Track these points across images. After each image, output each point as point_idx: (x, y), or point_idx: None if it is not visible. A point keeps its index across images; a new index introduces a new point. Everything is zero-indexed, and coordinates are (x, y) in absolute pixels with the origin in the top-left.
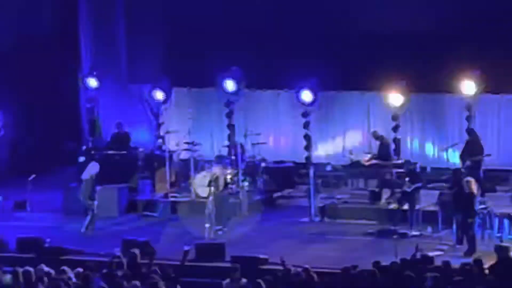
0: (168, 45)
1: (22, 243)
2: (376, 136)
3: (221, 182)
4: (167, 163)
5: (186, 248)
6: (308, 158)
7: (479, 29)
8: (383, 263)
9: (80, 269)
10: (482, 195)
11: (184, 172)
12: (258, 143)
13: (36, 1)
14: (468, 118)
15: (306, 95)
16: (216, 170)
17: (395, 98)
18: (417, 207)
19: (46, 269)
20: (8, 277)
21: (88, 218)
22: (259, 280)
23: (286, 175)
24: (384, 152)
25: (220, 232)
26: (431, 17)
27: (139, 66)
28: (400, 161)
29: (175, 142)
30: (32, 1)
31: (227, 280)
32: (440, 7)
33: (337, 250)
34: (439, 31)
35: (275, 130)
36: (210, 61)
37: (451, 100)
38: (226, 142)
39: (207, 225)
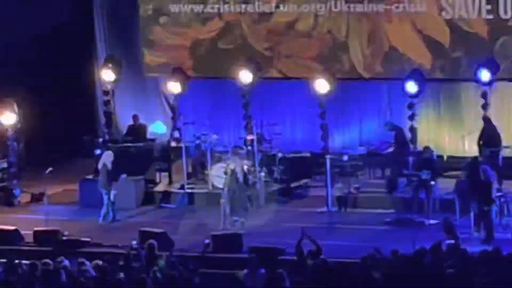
0: None
1: (39, 236)
2: (391, 127)
3: (237, 173)
4: (184, 155)
5: (206, 241)
6: (324, 148)
7: None
8: (401, 252)
9: (99, 262)
10: (500, 183)
11: (200, 164)
12: (274, 134)
13: None
14: (484, 106)
15: (322, 85)
16: (232, 161)
17: (410, 86)
18: (433, 195)
19: (65, 261)
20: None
21: (104, 208)
22: (280, 270)
23: (302, 165)
24: (401, 141)
25: (236, 223)
26: None
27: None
28: (417, 149)
29: (191, 134)
30: None
31: (245, 271)
32: None
33: (355, 239)
34: None
35: (291, 120)
36: (226, 53)
37: (467, 88)
38: (243, 133)
39: (222, 216)
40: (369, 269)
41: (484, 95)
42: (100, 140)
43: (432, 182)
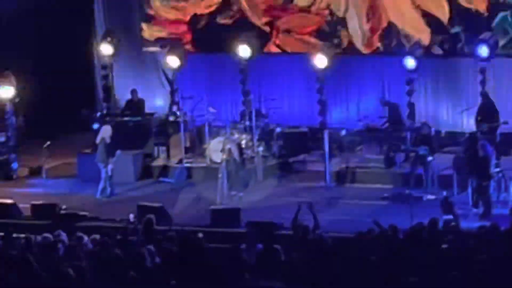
0: None
1: (37, 209)
2: (384, 103)
3: (234, 148)
4: (182, 129)
5: (200, 235)
6: (322, 123)
7: None
8: (399, 227)
9: (97, 236)
10: (498, 158)
11: (199, 138)
12: (272, 108)
13: None
14: (482, 82)
15: (320, 60)
16: (228, 140)
17: (409, 62)
18: (431, 170)
19: (63, 235)
20: None
21: (102, 183)
22: (277, 246)
23: (301, 140)
24: (396, 116)
25: (235, 198)
26: None
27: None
28: (415, 125)
29: (190, 108)
30: None
31: (243, 246)
32: None
33: (352, 214)
34: None
35: (290, 95)
36: (225, 27)
37: (465, 63)
38: (241, 108)
39: (220, 191)
40: (366, 245)
41: (482, 71)
42: (98, 114)
43: (430, 158)
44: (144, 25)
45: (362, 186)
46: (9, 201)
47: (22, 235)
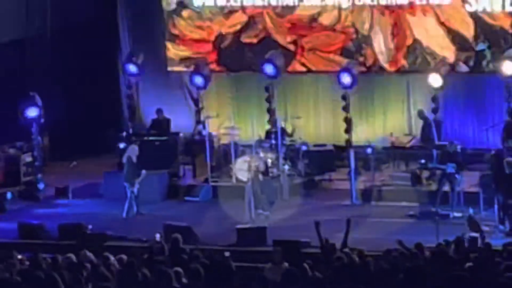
0: None
1: (63, 230)
2: (422, 116)
3: (259, 171)
4: (208, 148)
5: (226, 254)
6: (348, 141)
7: None
8: (425, 245)
9: (123, 256)
10: None
11: (224, 157)
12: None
13: None
14: (508, 99)
15: (345, 78)
16: (255, 158)
17: (434, 79)
18: (458, 188)
19: (89, 255)
20: None
21: (128, 202)
22: (305, 265)
23: (326, 158)
24: (428, 133)
25: (261, 217)
26: None
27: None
28: (442, 143)
29: (215, 127)
30: None
31: (269, 265)
32: None
33: (379, 232)
34: None
35: (315, 113)
36: (249, 46)
37: (491, 80)
38: (266, 127)
39: (246, 210)
40: (393, 263)
41: (508, 88)
42: (124, 133)
43: (458, 176)
44: (169, 45)
45: (388, 204)
46: (35, 221)
47: (49, 256)
